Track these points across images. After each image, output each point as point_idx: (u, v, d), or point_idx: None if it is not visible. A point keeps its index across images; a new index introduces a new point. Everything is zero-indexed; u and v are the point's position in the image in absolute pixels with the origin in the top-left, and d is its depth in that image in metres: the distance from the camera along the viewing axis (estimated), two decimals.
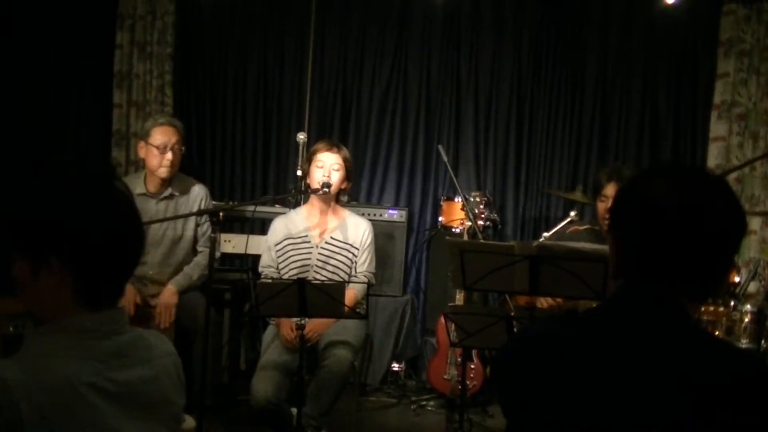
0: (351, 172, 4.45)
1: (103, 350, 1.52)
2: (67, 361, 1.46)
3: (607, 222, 4.10)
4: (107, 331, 1.55)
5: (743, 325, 4.29)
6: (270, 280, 4.13)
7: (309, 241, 4.36)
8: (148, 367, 1.61)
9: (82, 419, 1.44)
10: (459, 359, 4.88)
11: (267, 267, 4.38)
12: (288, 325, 4.08)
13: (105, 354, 1.52)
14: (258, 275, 4.45)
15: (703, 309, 4.06)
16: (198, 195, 4.71)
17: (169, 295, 4.50)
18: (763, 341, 4.24)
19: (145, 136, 4.58)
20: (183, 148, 4.65)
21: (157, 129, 4.56)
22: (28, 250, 1.52)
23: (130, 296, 4.39)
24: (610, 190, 4.16)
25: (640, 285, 1.51)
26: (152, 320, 4.43)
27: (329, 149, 4.36)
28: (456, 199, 5.61)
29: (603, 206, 4.21)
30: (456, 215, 5.51)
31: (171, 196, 4.65)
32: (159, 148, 4.53)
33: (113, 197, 1.59)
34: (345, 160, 4.37)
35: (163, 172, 4.56)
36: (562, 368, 1.47)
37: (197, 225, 4.70)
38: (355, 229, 4.43)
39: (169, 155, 4.53)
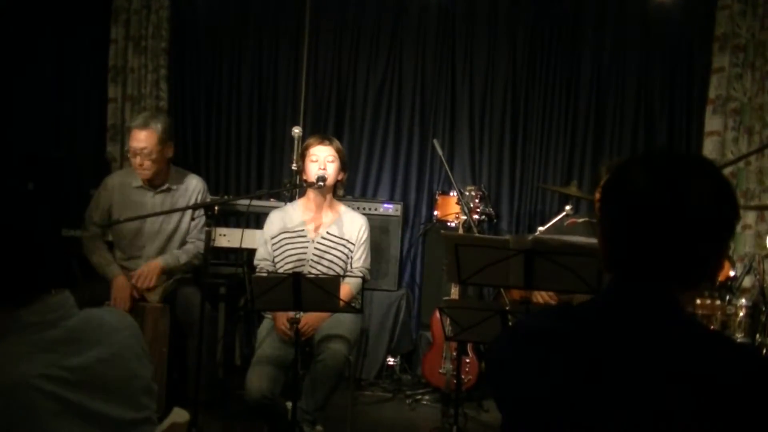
0: (345, 163, 4.45)
1: (51, 340, 1.50)
2: (17, 360, 1.43)
3: None
4: (53, 319, 1.52)
5: (738, 319, 4.30)
6: (265, 274, 4.13)
7: (305, 236, 4.36)
8: (104, 346, 1.58)
9: (47, 412, 1.42)
10: (454, 353, 4.88)
11: (263, 260, 4.38)
12: (283, 317, 4.09)
13: (54, 343, 1.50)
14: (253, 269, 4.45)
15: (698, 302, 4.06)
16: (195, 188, 4.70)
17: (154, 263, 4.50)
18: (757, 335, 4.25)
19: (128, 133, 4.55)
20: (165, 146, 4.52)
21: (132, 132, 4.50)
22: None
23: (126, 289, 4.39)
24: None
25: (629, 277, 1.49)
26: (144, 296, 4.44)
27: (321, 142, 4.36)
28: (451, 193, 5.62)
29: None
30: (451, 209, 5.51)
31: (168, 190, 4.64)
32: (130, 152, 4.51)
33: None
34: (338, 151, 4.37)
35: (141, 174, 4.53)
36: (557, 363, 1.46)
37: (192, 219, 4.69)
38: (350, 225, 4.42)
39: (138, 160, 4.47)
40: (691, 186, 1.44)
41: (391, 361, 5.78)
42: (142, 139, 4.44)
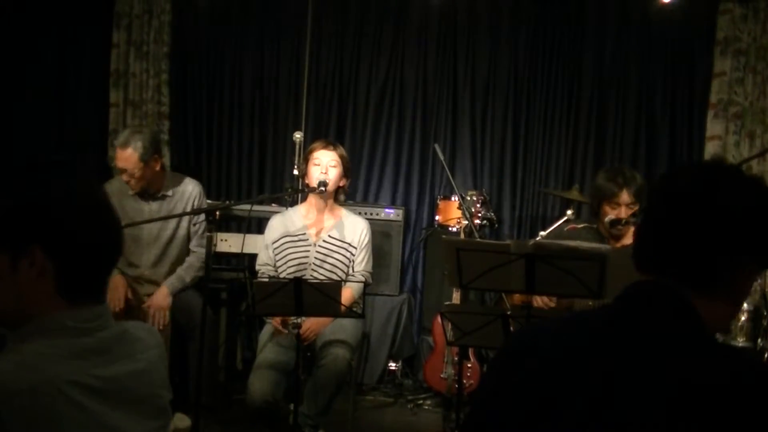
0: (348, 169, 4.45)
1: (85, 347, 1.49)
2: (48, 361, 1.43)
3: (607, 219, 4.04)
4: (89, 328, 1.51)
5: (740, 323, 4.30)
6: (266, 279, 4.13)
7: (307, 240, 4.36)
8: (135, 362, 1.58)
9: (69, 419, 1.41)
10: (456, 358, 4.88)
11: (264, 265, 4.38)
12: (278, 318, 4.10)
13: (87, 351, 1.49)
14: (254, 274, 4.45)
15: None
16: (192, 193, 4.68)
17: (162, 297, 4.50)
18: (759, 340, 4.24)
19: None
20: (149, 162, 4.47)
21: (116, 151, 4.49)
22: (10, 238, 1.47)
23: (121, 289, 4.40)
24: (624, 197, 4.02)
25: (653, 285, 1.46)
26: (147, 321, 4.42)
27: (325, 147, 4.36)
28: (453, 198, 5.62)
29: (615, 213, 4.06)
30: (452, 214, 5.51)
31: (164, 197, 4.63)
32: (117, 169, 4.53)
33: (100, 195, 1.59)
34: (341, 157, 4.37)
35: (132, 188, 4.53)
36: (567, 371, 1.43)
37: (192, 224, 4.68)
38: (352, 228, 4.43)
39: (125, 177, 4.47)
40: (723, 192, 1.43)
41: (392, 365, 5.78)
42: (123, 159, 4.43)
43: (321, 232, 4.39)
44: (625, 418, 1.35)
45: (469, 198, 5.25)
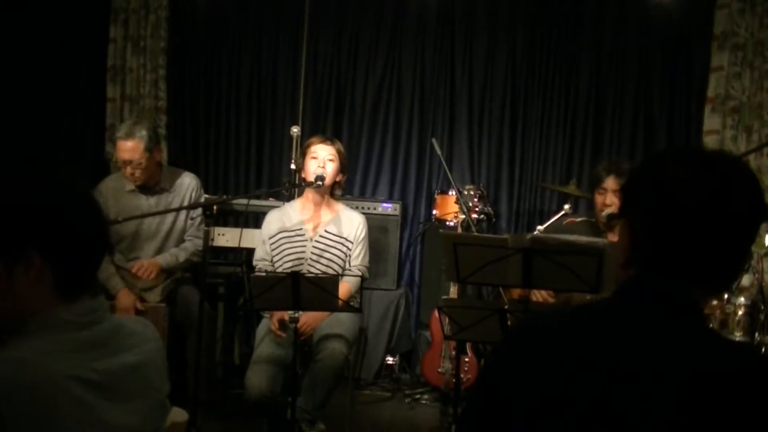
0: (345, 165, 4.46)
1: (82, 341, 1.49)
2: (48, 357, 1.43)
3: (605, 214, 4.12)
4: (86, 322, 1.52)
5: (737, 318, 4.30)
6: (264, 274, 4.13)
7: (303, 235, 4.36)
8: (131, 355, 1.58)
9: (67, 413, 1.41)
10: (453, 352, 4.88)
11: (261, 260, 4.38)
12: (275, 318, 4.09)
13: (84, 345, 1.49)
14: (252, 269, 4.45)
15: None
16: (189, 186, 4.70)
17: (152, 261, 4.51)
18: (756, 334, 4.24)
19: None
20: (153, 152, 4.52)
21: (118, 143, 4.48)
22: (5, 244, 1.46)
23: (129, 302, 4.39)
24: (610, 183, 4.14)
25: (654, 274, 1.44)
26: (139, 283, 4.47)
27: (323, 141, 4.37)
28: (450, 193, 5.62)
29: (601, 199, 4.18)
30: (450, 208, 5.51)
31: (161, 191, 4.63)
32: (119, 162, 4.52)
33: (86, 189, 1.59)
34: (339, 152, 4.38)
35: (133, 181, 4.54)
36: (570, 365, 1.41)
37: (189, 217, 4.69)
38: (349, 223, 4.43)
39: (129, 170, 4.47)
40: (736, 185, 1.40)
41: (390, 360, 5.78)
42: (129, 149, 4.42)
43: (318, 227, 4.39)
44: (631, 415, 1.34)
45: (466, 192, 5.25)
